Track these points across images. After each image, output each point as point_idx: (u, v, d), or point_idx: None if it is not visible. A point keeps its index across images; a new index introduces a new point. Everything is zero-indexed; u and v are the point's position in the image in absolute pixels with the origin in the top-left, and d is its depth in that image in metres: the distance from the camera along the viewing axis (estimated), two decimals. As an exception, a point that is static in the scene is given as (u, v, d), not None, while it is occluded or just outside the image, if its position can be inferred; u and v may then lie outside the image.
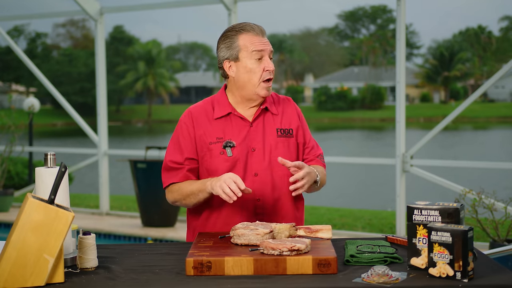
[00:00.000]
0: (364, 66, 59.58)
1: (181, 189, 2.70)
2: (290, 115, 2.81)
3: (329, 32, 70.33)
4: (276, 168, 2.71)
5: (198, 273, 2.13)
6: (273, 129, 2.75)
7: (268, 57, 2.70)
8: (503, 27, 57.46)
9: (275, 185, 2.71)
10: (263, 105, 2.77)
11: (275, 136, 2.74)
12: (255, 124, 2.74)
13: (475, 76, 55.45)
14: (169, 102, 56.33)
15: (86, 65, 50.00)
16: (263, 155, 2.71)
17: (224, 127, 2.73)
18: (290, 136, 2.76)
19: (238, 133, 2.72)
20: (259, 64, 2.68)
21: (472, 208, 5.89)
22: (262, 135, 2.73)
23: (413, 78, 57.03)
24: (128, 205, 9.67)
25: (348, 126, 44.47)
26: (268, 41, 2.73)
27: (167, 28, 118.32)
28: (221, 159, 2.69)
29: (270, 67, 2.69)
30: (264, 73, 2.69)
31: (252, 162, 2.70)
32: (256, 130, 2.74)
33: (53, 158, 2.33)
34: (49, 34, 58.33)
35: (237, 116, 2.74)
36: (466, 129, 40.00)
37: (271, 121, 2.77)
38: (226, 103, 2.76)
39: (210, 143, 2.71)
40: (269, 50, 2.70)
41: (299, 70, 63.27)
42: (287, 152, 2.73)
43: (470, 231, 2.03)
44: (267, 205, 2.70)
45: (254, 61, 2.68)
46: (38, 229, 2.05)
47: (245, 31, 2.69)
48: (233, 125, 2.73)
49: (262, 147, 2.72)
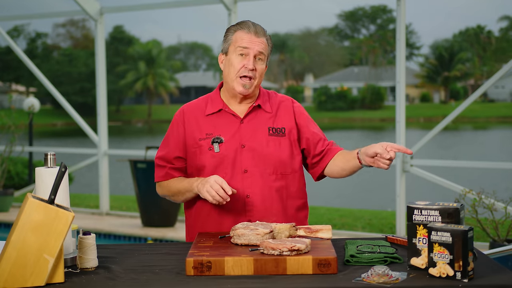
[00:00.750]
0: (364, 66, 59.58)
1: (169, 186, 2.79)
2: (284, 115, 2.80)
3: (329, 32, 70.31)
4: (266, 166, 2.71)
5: (198, 273, 2.13)
6: (264, 127, 2.75)
7: (253, 57, 2.69)
8: (503, 27, 57.45)
9: (264, 182, 2.71)
10: (255, 102, 2.78)
11: (266, 134, 2.74)
12: (246, 120, 2.75)
13: (475, 76, 55.46)
14: (169, 102, 56.31)
15: (86, 65, 49.99)
16: (253, 152, 2.71)
17: (215, 123, 2.75)
18: (281, 135, 2.76)
19: (228, 129, 2.73)
20: (241, 60, 2.70)
21: (472, 208, 5.88)
22: (252, 132, 2.73)
23: (413, 78, 57.03)
24: (128, 205, 9.67)
25: (348, 126, 44.46)
26: (262, 42, 2.71)
27: (167, 28, 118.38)
28: (209, 155, 2.71)
29: (250, 66, 2.68)
30: (242, 69, 2.69)
31: (241, 158, 2.70)
32: (247, 127, 2.74)
33: (53, 158, 2.33)
34: (49, 34, 58.35)
35: (228, 112, 2.76)
36: (466, 129, 39.99)
37: (264, 119, 2.77)
38: (218, 100, 2.79)
39: (200, 139, 2.73)
40: (256, 50, 2.69)
41: (299, 70, 63.27)
42: (278, 150, 2.73)
43: (470, 231, 2.03)
44: (256, 202, 2.70)
45: (236, 56, 2.70)
46: (38, 229, 2.05)
47: (241, 28, 2.73)
48: (224, 121, 2.75)
49: (252, 144, 2.72)
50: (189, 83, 63.07)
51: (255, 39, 2.70)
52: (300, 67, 62.92)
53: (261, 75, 2.74)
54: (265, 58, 2.74)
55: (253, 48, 2.69)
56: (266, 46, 2.74)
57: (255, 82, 2.72)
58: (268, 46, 2.76)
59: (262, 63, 2.73)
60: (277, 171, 2.72)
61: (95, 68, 8.91)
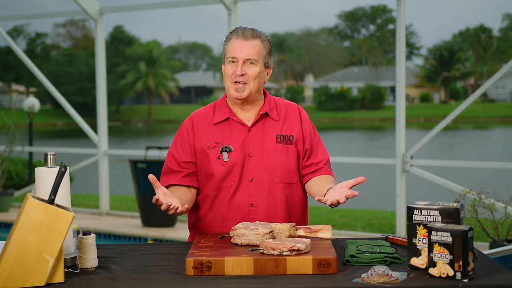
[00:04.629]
0: (364, 66, 59.56)
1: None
2: (292, 122, 2.80)
3: (329, 32, 70.28)
4: (273, 175, 2.72)
5: (198, 273, 2.13)
6: (272, 135, 2.75)
7: (242, 63, 2.69)
8: (503, 27, 57.44)
9: (271, 191, 2.71)
10: (262, 109, 2.77)
11: (273, 142, 2.74)
12: (254, 129, 2.75)
13: (475, 76, 55.46)
14: (169, 102, 56.32)
15: (86, 65, 49.99)
16: (260, 160, 2.71)
17: (223, 131, 2.75)
18: (289, 143, 2.76)
19: (236, 138, 2.74)
20: (231, 68, 2.72)
21: (472, 208, 5.89)
22: (260, 140, 2.74)
23: (413, 78, 57.03)
24: (128, 205, 9.67)
25: (348, 126, 44.46)
26: (252, 45, 2.70)
27: (167, 28, 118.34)
28: (218, 163, 2.71)
29: (238, 72, 2.69)
30: (233, 76, 2.71)
31: (248, 167, 2.71)
32: (255, 135, 2.74)
33: (53, 158, 2.33)
34: (49, 34, 58.34)
35: (236, 121, 2.76)
36: (466, 129, 39.99)
37: (271, 126, 2.77)
38: (225, 108, 2.79)
39: (208, 148, 2.73)
40: (244, 57, 2.69)
41: (299, 70, 63.26)
42: (285, 159, 2.73)
43: (470, 231, 2.03)
44: (260, 211, 2.70)
45: (228, 63, 2.73)
46: (38, 229, 2.05)
47: (231, 37, 2.75)
48: (232, 130, 2.75)
49: (259, 152, 2.72)
50: (189, 83, 63.05)
51: (244, 43, 2.70)
52: (300, 67, 62.91)
53: (255, 78, 2.70)
54: (258, 61, 2.71)
55: (240, 55, 2.69)
56: (257, 48, 2.71)
57: (249, 86, 2.70)
58: (264, 48, 2.74)
59: (254, 66, 2.70)
60: (284, 180, 2.73)
61: (95, 68, 8.91)
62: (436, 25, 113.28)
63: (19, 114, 9.85)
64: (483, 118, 46.46)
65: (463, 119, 44.60)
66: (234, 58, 2.70)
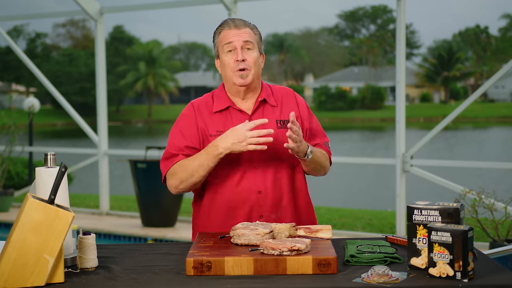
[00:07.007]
0: (364, 66, 59.57)
1: (185, 167, 2.66)
2: (289, 106, 2.82)
3: (329, 32, 70.30)
4: (277, 160, 2.73)
5: (198, 273, 2.13)
6: (273, 121, 2.77)
7: (241, 48, 2.71)
8: (502, 27, 57.43)
9: (276, 177, 2.73)
10: (260, 97, 2.79)
11: (275, 128, 2.75)
12: (254, 117, 2.76)
13: (475, 76, 55.45)
14: (169, 102, 56.32)
15: (86, 65, 49.99)
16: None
17: (224, 120, 2.76)
18: None
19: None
20: (231, 57, 2.72)
21: (472, 208, 5.88)
22: (261, 127, 2.74)
23: (413, 78, 57.02)
24: (128, 205, 9.67)
25: (348, 126, 44.46)
26: (246, 32, 2.73)
27: (167, 28, 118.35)
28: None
29: (239, 57, 2.69)
30: (235, 64, 2.71)
31: (252, 155, 2.71)
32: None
33: (53, 158, 2.33)
34: (49, 34, 58.35)
35: (236, 109, 2.77)
36: (466, 129, 39.99)
37: (271, 113, 2.79)
38: (225, 97, 2.79)
39: (210, 135, 2.73)
40: (241, 41, 2.71)
41: (299, 70, 63.26)
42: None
43: (470, 231, 2.03)
44: (268, 197, 2.71)
45: (226, 54, 2.73)
46: (38, 229, 2.05)
47: (222, 28, 2.76)
48: (233, 118, 2.76)
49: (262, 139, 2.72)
50: (189, 83, 63.07)
51: (237, 32, 2.72)
52: (300, 67, 62.91)
53: (255, 63, 2.73)
54: (255, 45, 2.74)
55: (237, 40, 2.71)
56: (251, 34, 2.74)
57: (251, 71, 2.72)
58: (255, 34, 2.77)
59: (252, 51, 2.73)
60: (288, 165, 2.74)
61: (95, 68, 8.91)
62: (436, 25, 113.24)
63: (19, 114, 9.85)
64: (483, 118, 46.47)
65: (463, 119, 44.61)
66: (231, 45, 2.71)
